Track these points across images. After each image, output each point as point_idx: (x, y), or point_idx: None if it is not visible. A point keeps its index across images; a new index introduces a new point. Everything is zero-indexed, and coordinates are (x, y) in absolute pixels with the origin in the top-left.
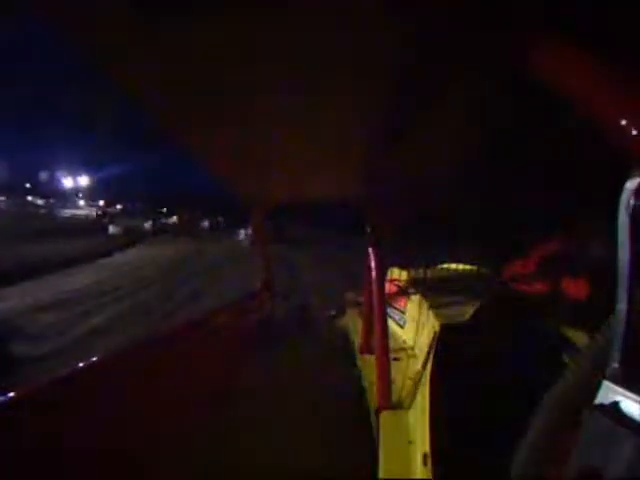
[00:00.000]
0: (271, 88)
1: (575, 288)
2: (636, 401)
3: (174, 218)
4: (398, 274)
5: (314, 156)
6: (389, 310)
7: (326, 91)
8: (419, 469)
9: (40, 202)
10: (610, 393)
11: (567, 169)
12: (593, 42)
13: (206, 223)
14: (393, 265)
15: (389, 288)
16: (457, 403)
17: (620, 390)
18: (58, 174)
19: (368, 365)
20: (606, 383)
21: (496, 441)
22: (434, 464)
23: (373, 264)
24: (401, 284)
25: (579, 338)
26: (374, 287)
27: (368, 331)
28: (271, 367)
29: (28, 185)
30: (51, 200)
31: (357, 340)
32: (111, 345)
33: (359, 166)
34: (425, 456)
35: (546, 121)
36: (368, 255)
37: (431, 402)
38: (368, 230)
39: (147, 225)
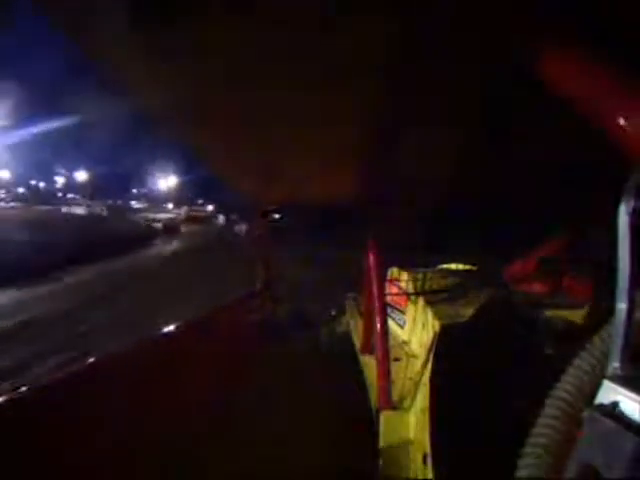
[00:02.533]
0: (271, 88)
1: (575, 288)
2: (636, 401)
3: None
4: (398, 274)
5: (314, 157)
6: (389, 310)
7: (326, 91)
8: (419, 469)
9: (138, 206)
10: (610, 393)
11: (567, 169)
12: (593, 42)
13: (221, 218)
14: (393, 265)
15: (389, 288)
16: (457, 403)
17: (620, 390)
18: (153, 181)
19: (368, 365)
20: (606, 383)
21: (496, 441)
22: (434, 464)
23: (373, 264)
24: (401, 284)
25: (580, 338)
26: (374, 287)
27: (368, 331)
28: (271, 367)
29: (135, 191)
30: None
31: (357, 340)
32: None
33: (359, 166)
34: (425, 456)
35: (546, 121)
36: (368, 255)
37: (431, 402)
38: (368, 230)
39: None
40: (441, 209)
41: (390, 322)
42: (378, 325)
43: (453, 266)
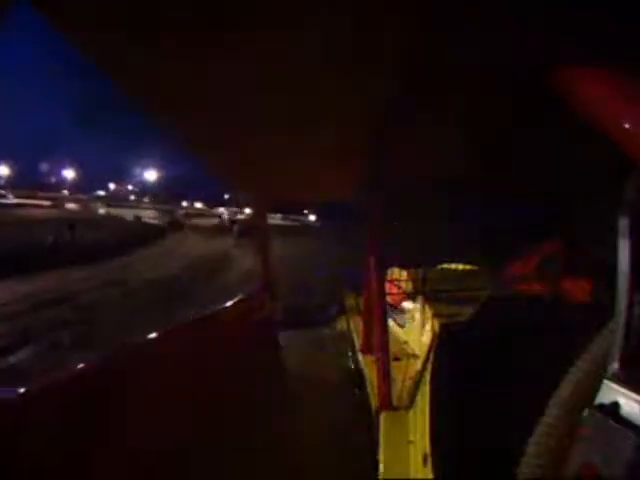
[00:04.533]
0: (271, 89)
1: (575, 289)
2: (636, 401)
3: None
4: (398, 274)
5: (314, 157)
6: (389, 310)
7: (326, 91)
8: (419, 469)
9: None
10: (610, 393)
11: (567, 169)
12: (593, 42)
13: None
14: (393, 265)
15: (389, 288)
16: (457, 403)
17: (620, 390)
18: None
19: (368, 365)
20: (606, 383)
21: (496, 441)
22: (434, 464)
23: (373, 264)
24: (401, 284)
25: (580, 339)
26: (374, 287)
27: (368, 331)
28: (271, 366)
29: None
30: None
31: (357, 340)
32: None
33: (359, 167)
34: (425, 456)
35: (546, 121)
36: (368, 255)
37: (431, 402)
38: (368, 230)
39: None
40: (442, 209)
41: (390, 322)
42: (378, 325)
43: (453, 266)
